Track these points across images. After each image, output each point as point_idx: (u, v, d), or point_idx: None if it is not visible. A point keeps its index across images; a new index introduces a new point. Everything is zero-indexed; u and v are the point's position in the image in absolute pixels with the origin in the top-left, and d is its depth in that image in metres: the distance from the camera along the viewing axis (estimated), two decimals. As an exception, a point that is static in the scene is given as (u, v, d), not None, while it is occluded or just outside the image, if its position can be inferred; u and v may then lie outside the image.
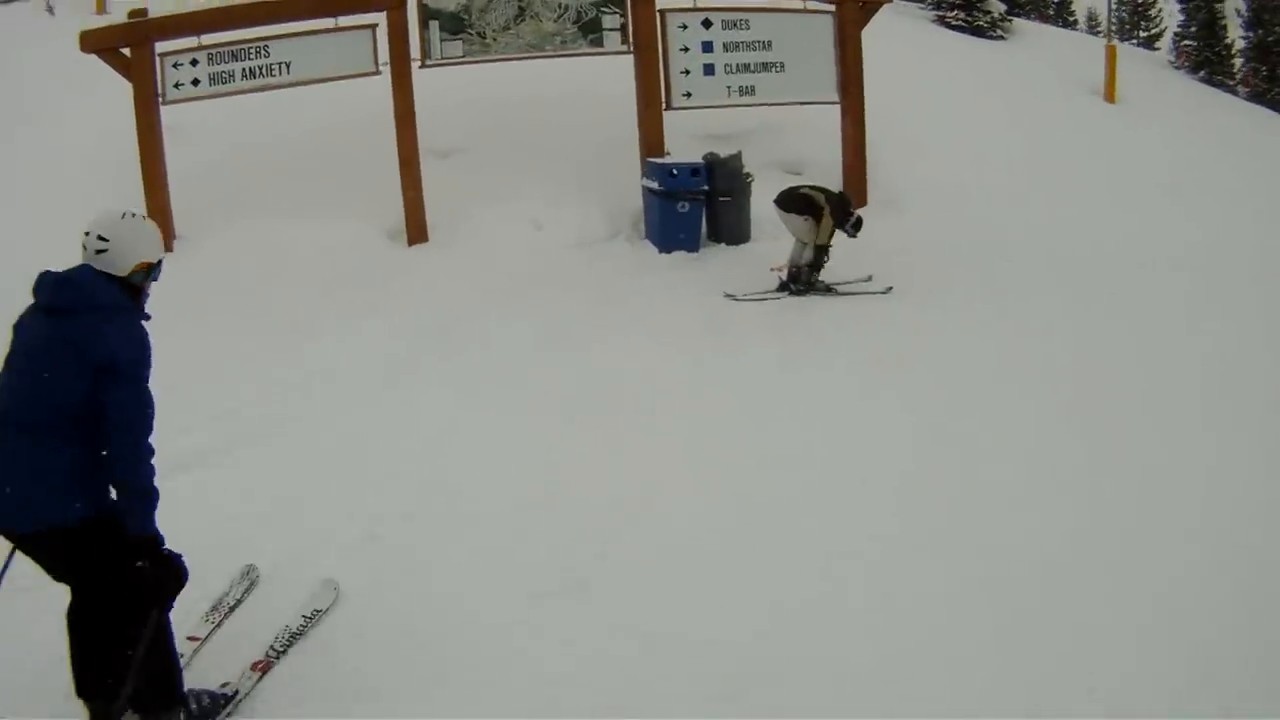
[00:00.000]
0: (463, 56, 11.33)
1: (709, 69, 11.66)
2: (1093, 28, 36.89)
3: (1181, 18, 27.97)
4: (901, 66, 14.40)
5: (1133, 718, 3.93)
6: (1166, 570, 4.87)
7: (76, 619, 3.50)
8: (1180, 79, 23.47)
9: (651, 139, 11.40)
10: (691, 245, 10.91)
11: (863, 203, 12.06)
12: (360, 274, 10.02)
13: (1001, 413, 6.96)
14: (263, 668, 3.88)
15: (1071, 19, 35.85)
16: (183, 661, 3.76)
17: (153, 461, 3.40)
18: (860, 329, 8.82)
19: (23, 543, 3.42)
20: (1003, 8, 21.39)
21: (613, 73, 11.82)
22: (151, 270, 3.62)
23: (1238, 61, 25.28)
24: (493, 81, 12.28)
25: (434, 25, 11.22)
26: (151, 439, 3.40)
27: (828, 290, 9.78)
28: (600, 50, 11.56)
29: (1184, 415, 6.86)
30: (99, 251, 3.50)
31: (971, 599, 4.71)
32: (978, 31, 20.89)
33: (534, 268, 10.36)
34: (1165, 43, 30.31)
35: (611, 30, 11.51)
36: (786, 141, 12.79)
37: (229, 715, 3.71)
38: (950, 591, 4.77)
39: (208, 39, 10.84)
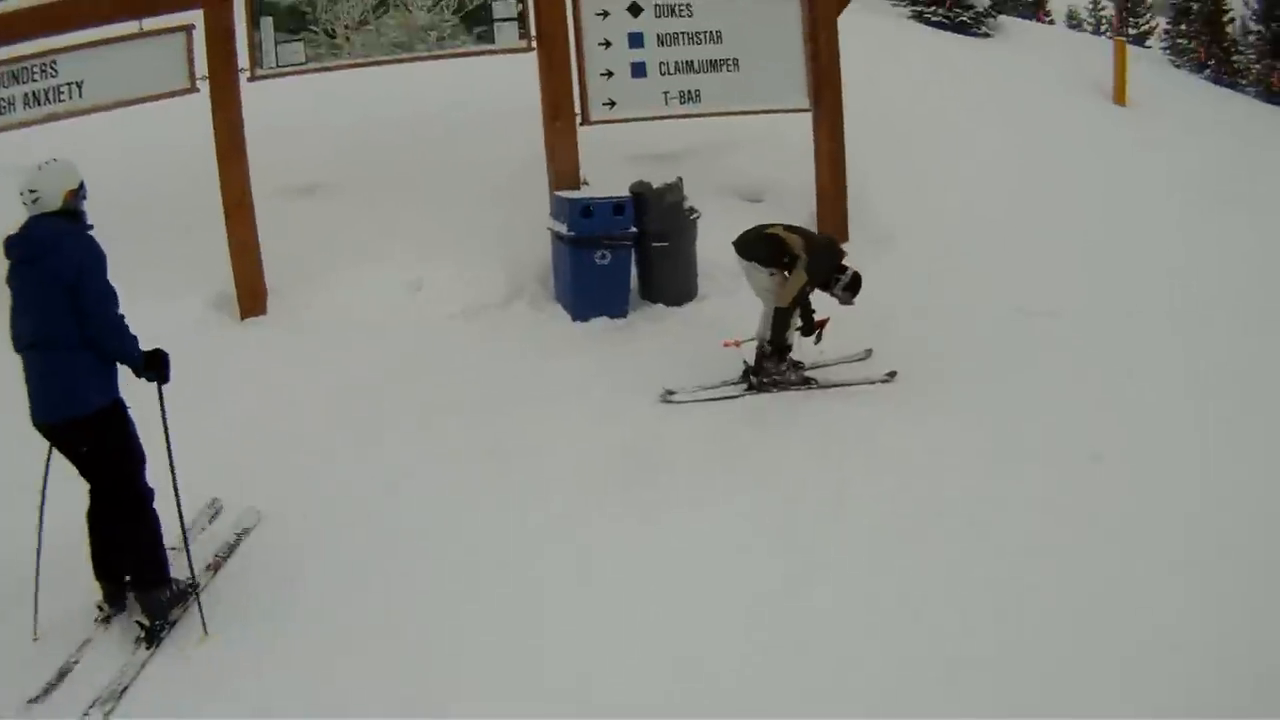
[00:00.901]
0: (305, 63, 8.40)
1: (639, 69, 8.77)
2: (1073, 24, 34.50)
3: (1171, 13, 25.64)
4: (878, 69, 11.57)
5: None
6: None
7: (95, 518, 4.64)
8: (1184, 78, 20.94)
9: (562, 165, 8.52)
10: (616, 309, 8.04)
11: (843, 239, 9.28)
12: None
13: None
14: (214, 567, 5.10)
15: (1048, 18, 33.36)
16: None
17: (128, 330, 4.55)
18: (864, 458, 6.03)
19: (53, 434, 4.52)
20: (986, 1, 18.75)
21: (513, 78, 9.00)
22: (78, 192, 4.64)
23: (1243, 57, 22.69)
24: (360, 95, 9.45)
25: (266, 24, 8.29)
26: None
27: (805, 382, 6.93)
28: (491, 48, 8.66)
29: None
30: (34, 201, 4.53)
31: None
32: (960, 28, 18.45)
33: (399, 353, 7.50)
34: (1154, 40, 27.77)
35: (505, 21, 8.61)
36: (742, 162, 9.98)
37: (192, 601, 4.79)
38: None
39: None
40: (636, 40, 8.73)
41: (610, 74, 8.69)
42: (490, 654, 4.58)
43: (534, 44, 8.63)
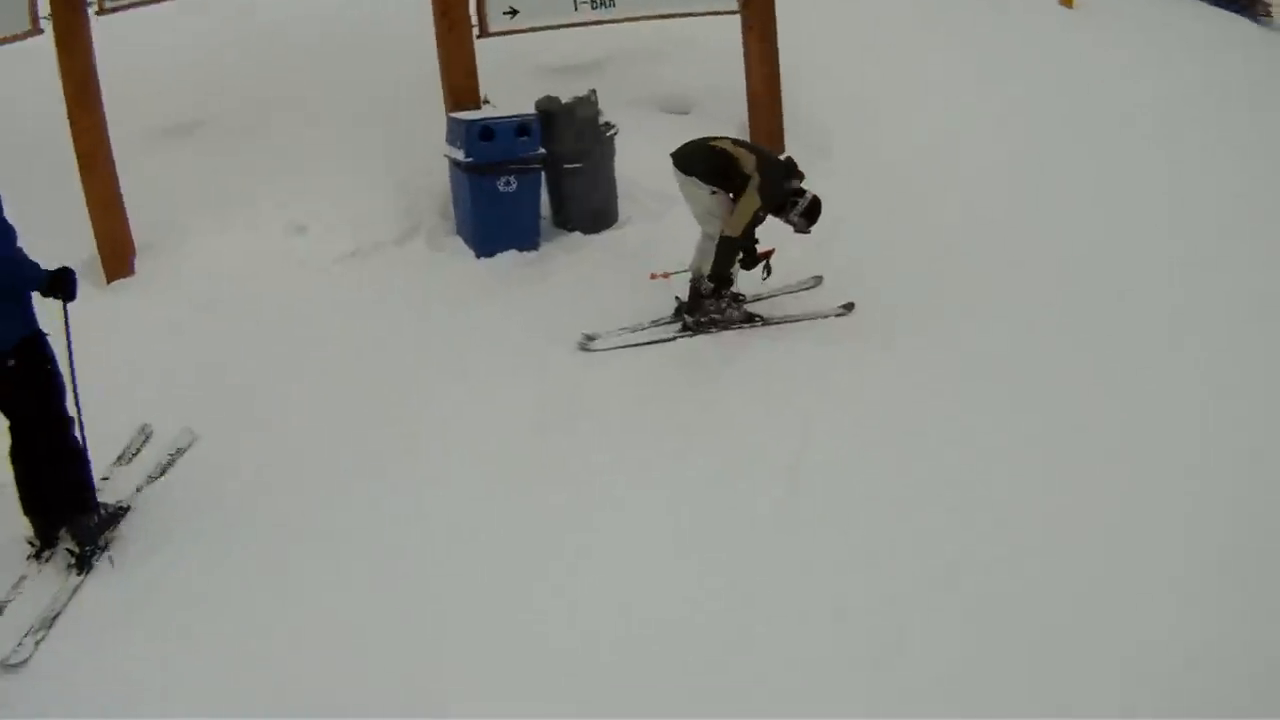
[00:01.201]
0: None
1: None
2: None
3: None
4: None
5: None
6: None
7: (18, 454, 4.54)
8: None
9: (458, 83, 7.49)
10: (526, 241, 7.11)
11: (778, 149, 8.40)
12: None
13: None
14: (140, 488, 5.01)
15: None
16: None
17: (25, 261, 4.45)
18: (818, 402, 5.18)
19: None
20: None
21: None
22: None
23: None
24: (230, 15, 8.34)
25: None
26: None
27: (749, 319, 6.07)
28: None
29: None
30: None
31: None
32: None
33: (284, 309, 6.50)
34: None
35: (386, -83, 7.53)
36: (665, 71, 9.00)
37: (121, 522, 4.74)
38: None
39: None
40: (540, -65, 7.68)
41: (511, -24, 7.63)
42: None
43: (420, -58, 7.54)
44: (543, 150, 6.99)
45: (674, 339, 5.94)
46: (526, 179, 6.96)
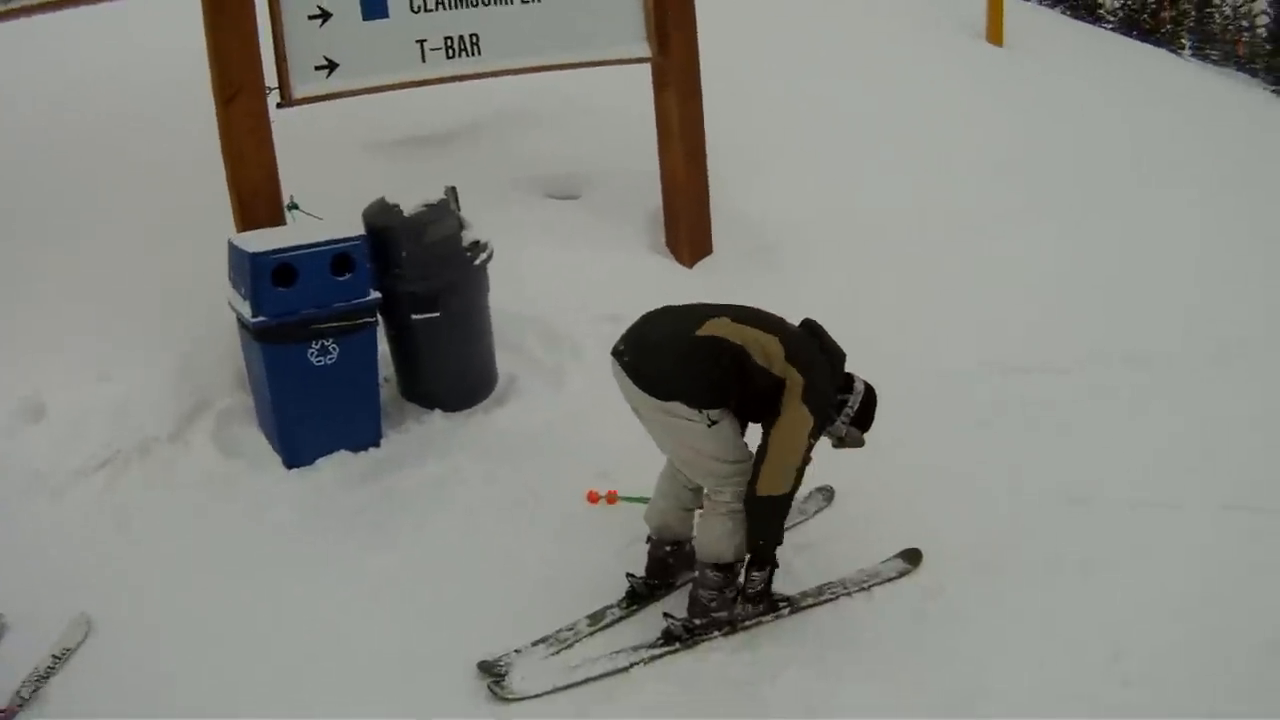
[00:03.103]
0: None
1: (376, 5, 5.17)
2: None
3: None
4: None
5: None
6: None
7: None
8: (1035, 9, 18.21)
9: (245, 183, 4.93)
10: (360, 435, 4.65)
11: (704, 251, 6.21)
12: None
13: None
14: (6, 716, 3.37)
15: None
16: None
17: None
18: None
19: None
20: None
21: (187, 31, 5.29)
22: None
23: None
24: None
25: None
26: None
27: (774, 607, 3.68)
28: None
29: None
30: None
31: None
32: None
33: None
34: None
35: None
36: (544, 141, 6.64)
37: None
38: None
39: None
40: (369, -43, 5.19)
41: (325, 15, 5.08)
42: None
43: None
44: (376, 295, 4.53)
45: (647, 661, 3.49)
46: (354, 342, 4.49)
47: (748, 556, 3.54)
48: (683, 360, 3.38)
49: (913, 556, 3.89)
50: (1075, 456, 4.57)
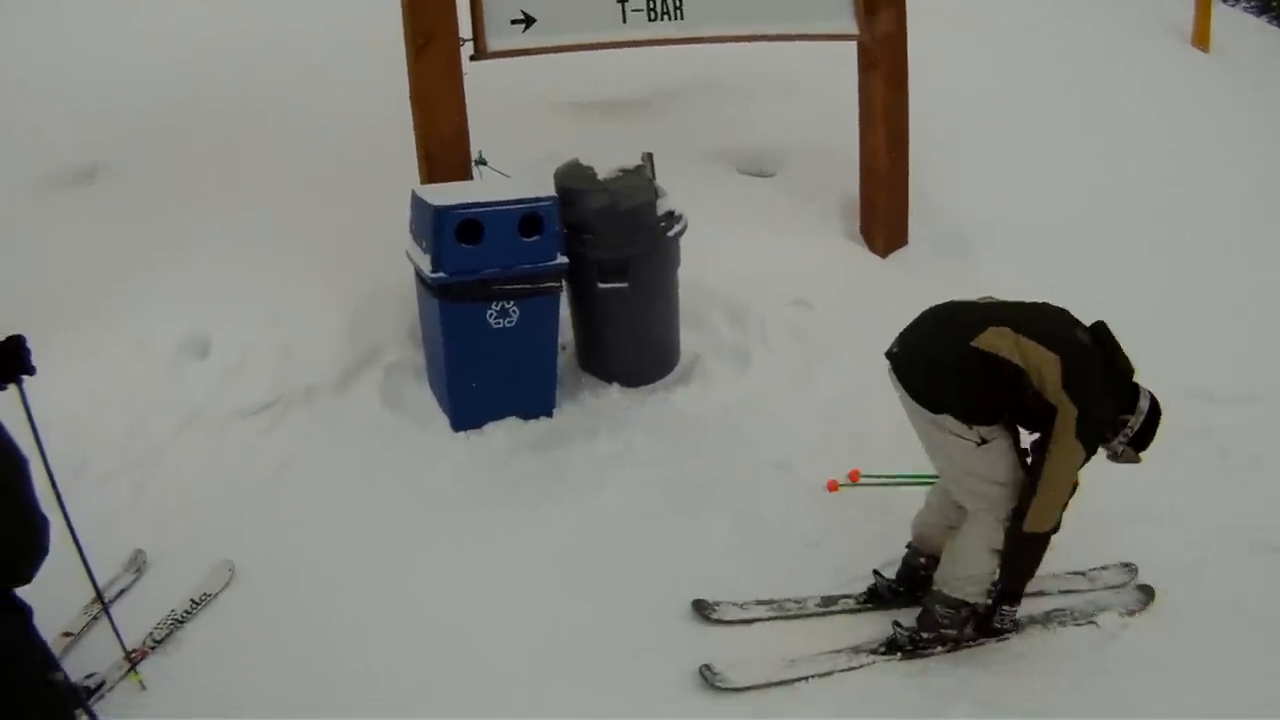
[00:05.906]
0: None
1: None
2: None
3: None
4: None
5: None
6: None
7: None
8: (1241, 15, 17.09)
9: (434, 132, 4.75)
10: (534, 403, 4.43)
11: (900, 243, 5.81)
12: None
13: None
14: (138, 658, 3.25)
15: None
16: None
17: None
18: None
19: None
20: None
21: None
22: None
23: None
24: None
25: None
26: None
27: (997, 632, 3.34)
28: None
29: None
30: None
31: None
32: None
33: (132, 522, 3.85)
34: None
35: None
36: (745, 114, 6.29)
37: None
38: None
39: None
40: (571, -90, 4.93)
41: (523, -28, 4.87)
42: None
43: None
44: (564, 259, 4.28)
45: (860, 666, 3.23)
46: (536, 306, 4.26)
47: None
48: (955, 372, 3.09)
49: (1145, 594, 3.46)
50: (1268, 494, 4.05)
